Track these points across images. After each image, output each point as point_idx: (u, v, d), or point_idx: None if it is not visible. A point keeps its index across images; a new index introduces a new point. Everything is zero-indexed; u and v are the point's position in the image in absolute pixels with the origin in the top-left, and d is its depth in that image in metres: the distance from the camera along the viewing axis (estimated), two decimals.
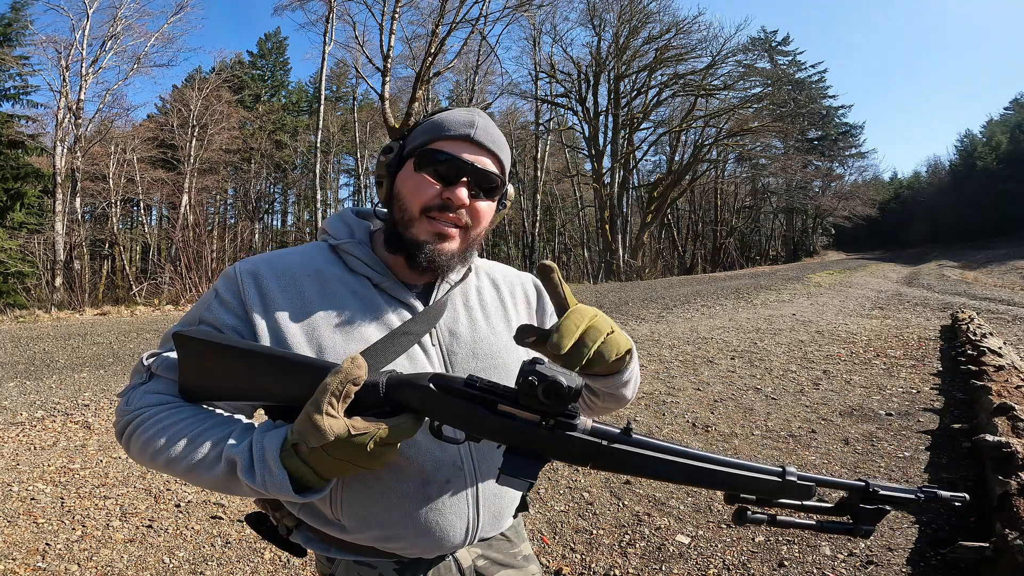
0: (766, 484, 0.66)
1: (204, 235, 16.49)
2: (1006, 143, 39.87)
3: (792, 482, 0.66)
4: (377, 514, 0.77)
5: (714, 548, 2.40)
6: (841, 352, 6.21)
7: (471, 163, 0.78)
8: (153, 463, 0.71)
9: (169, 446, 0.69)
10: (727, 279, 17.66)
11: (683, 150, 27.57)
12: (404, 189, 0.80)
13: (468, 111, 0.83)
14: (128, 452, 0.75)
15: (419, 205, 0.79)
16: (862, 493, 0.67)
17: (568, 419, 0.64)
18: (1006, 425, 3.08)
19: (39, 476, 3.23)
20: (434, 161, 0.78)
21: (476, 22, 18.31)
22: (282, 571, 2.30)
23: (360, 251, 0.83)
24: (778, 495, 0.66)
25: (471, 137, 0.79)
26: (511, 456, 0.65)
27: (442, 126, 0.80)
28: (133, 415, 0.74)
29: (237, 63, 30.95)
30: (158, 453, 0.70)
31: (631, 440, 0.65)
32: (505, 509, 0.88)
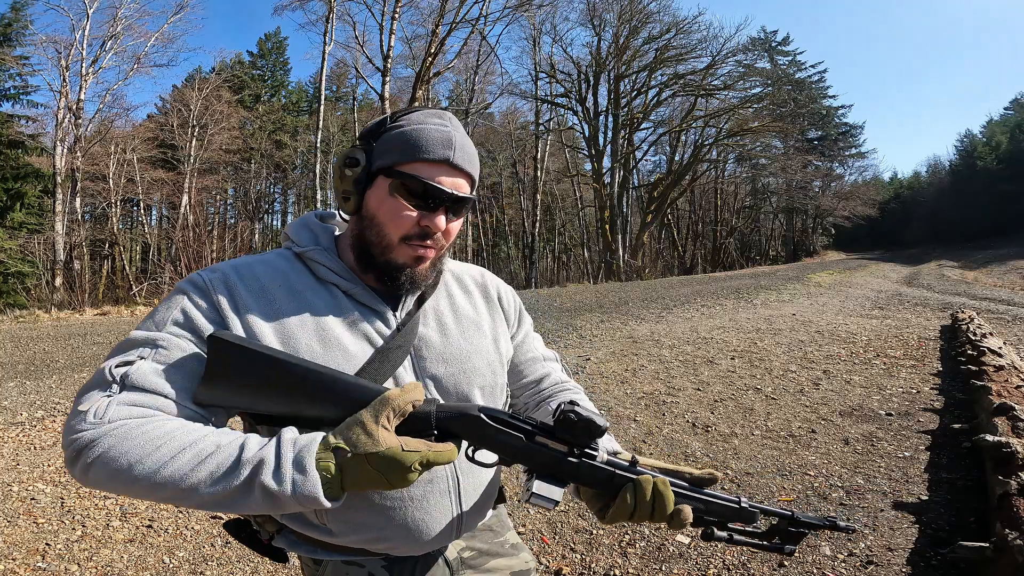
0: (729, 509, 0.80)
1: (204, 235, 16.50)
2: (1006, 143, 39.87)
3: (744, 508, 0.81)
4: (363, 518, 0.78)
5: (714, 548, 2.40)
6: (841, 352, 6.21)
7: (452, 193, 0.77)
8: (129, 482, 0.62)
9: (164, 457, 0.62)
10: (727, 279, 17.66)
11: (683, 150, 27.57)
12: (380, 214, 0.78)
13: (442, 122, 0.79)
14: (87, 474, 0.63)
15: (399, 234, 0.77)
16: (791, 521, 0.82)
17: (592, 451, 0.75)
18: (1006, 425, 3.08)
19: (39, 476, 3.23)
20: (412, 188, 0.76)
21: (476, 22, 18.33)
22: (282, 571, 2.30)
23: (327, 259, 0.81)
24: (733, 519, 0.81)
25: (450, 161, 0.77)
26: (541, 479, 0.74)
27: (419, 146, 0.76)
28: (106, 428, 0.63)
29: (237, 63, 30.99)
30: (143, 466, 0.61)
31: (637, 471, 0.78)
32: (486, 503, 0.90)
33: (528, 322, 1.04)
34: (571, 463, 0.74)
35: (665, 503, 0.74)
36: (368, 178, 0.78)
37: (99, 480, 0.64)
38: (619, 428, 3.93)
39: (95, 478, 0.63)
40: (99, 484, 0.64)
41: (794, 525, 0.82)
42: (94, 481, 0.64)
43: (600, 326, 8.35)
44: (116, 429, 0.63)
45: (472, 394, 0.86)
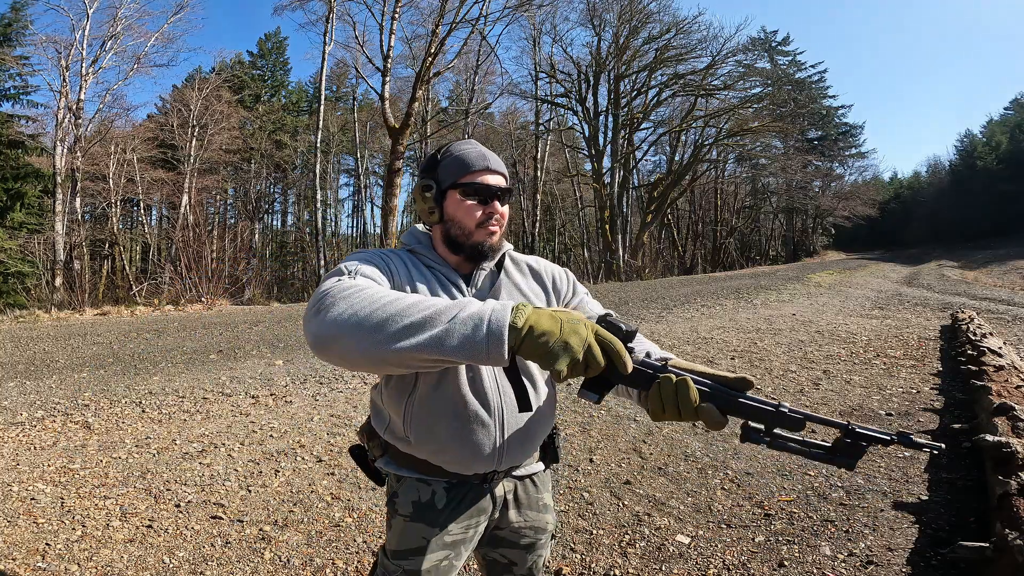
0: (764, 412, 0.84)
1: (204, 235, 16.45)
2: (1006, 143, 39.86)
3: (783, 413, 0.83)
4: (432, 429, 1.07)
5: (714, 548, 2.40)
6: (841, 352, 6.21)
7: (497, 187, 1.11)
8: (378, 310, 0.80)
9: (408, 297, 0.82)
10: (727, 279, 17.65)
11: (683, 150, 27.56)
12: (458, 213, 1.10)
13: (475, 145, 1.14)
14: (334, 307, 0.82)
15: (474, 222, 1.10)
16: (844, 430, 0.83)
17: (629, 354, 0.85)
18: (1006, 425, 3.08)
19: (39, 476, 3.23)
20: (474, 190, 1.10)
21: (476, 22, 18.31)
22: (282, 571, 2.30)
23: (428, 253, 1.16)
24: (775, 423, 0.83)
25: (489, 168, 1.11)
26: (588, 380, 0.88)
27: (467, 164, 1.10)
28: (358, 281, 0.90)
29: (237, 63, 30.98)
30: (393, 299, 0.81)
31: (668, 369, 0.88)
32: (527, 440, 1.14)
33: (583, 290, 1.30)
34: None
35: (688, 399, 0.84)
36: (441, 195, 1.12)
37: (341, 313, 0.81)
38: (619, 428, 3.94)
39: (331, 317, 0.81)
40: (336, 324, 0.80)
41: (851, 436, 0.82)
42: (339, 314, 0.81)
43: None
44: (364, 282, 0.90)
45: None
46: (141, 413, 4.47)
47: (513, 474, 1.18)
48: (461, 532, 1.13)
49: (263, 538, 2.54)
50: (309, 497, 2.93)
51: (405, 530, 1.12)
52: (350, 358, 0.81)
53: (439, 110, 30.08)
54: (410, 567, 1.10)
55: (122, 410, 4.55)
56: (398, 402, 1.09)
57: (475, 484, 1.13)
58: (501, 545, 1.22)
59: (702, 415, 0.83)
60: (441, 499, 1.11)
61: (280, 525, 2.66)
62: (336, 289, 0.86)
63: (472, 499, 1.13)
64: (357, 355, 0.80)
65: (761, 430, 0.84)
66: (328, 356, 0.83)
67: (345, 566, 2.32)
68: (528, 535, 1.22)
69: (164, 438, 3.87)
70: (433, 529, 1.10)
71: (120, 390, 5.17)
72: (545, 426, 1.19)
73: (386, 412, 1.14)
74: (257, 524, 2.67)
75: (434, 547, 1.10)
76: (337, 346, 0.81)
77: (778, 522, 2.60)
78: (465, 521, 1.13)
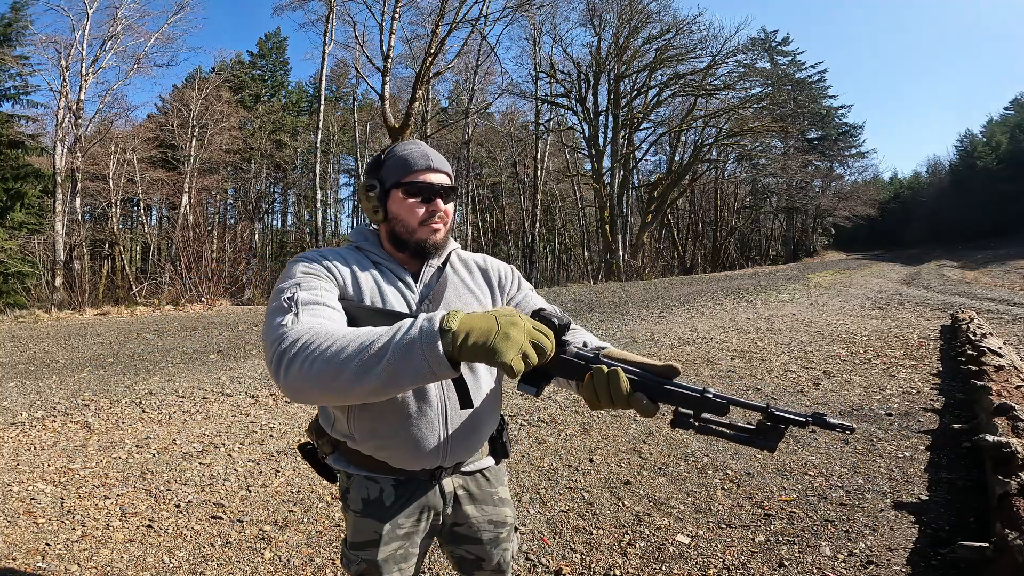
0: (690, 398, 0.87)
1: (204, 235, 16.44)
2: (1006, 143, 39.85)
3: (708, 398, 0.86)
4: (375, 426, 1.09)
5: (714, 548, 2.40)
6: (841, 352, 6.21)
7: (439, 184, 1.14)
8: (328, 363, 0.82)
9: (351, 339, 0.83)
10: (727, 279, 17.65)
11: (683, 150, 27.55)
12: (401, 211, 1.13)
13: (419, 145, 1.16)
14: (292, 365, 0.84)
15: (417, 220, 1.13)
16: (764, 413, 0.85)
17: (562, 347, 0.91)
18: (1006, 425, 3.08)
19: (39, 476, 3.23)
20: (416, 189, 1.12)
21: (476, 22, 18.32)
22: (282, 571, 2.30)
23: (375, 249, 1.19)
24: (702, 408, 0.86)
25: (432, 167, 1.13)
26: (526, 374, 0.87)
27: (409, 163, 1.12)
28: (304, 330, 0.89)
29: (237, 63, 30.98)
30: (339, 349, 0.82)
31: (601, 360, 0.91)
32: (472, 435, 1.16)
33: (527, 287, 1.32)
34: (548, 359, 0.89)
35: (619, 388, 0.87)
36: (385, 194, 1.14)
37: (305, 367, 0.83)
38: (619, 428, 3.94)
39: (300, 368, 0.83)
40: (304, 372, 0.83)
41: (771, 419, 0.84)
42: (303, 369, 0.83)
43: (600, 326, 8.35)
44: (311, 328, 0.89)
45: None
46: (141, 413, 4.47)
47: (462, 470, 1.21)
48: (412, 525, 1.17)
49: (263, 538, 2.54)
50: (309, 497, 2.93)
51: (357, 524, 1.16)
52: (323, 402, 0.90)
53: (439, 110, 30.08)
54: (367, 557, 1.15)
55: (122, 410, 4.55)
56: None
57: (423, 480, 1.16)
58: (464, 542, 1.25)
59: (633, 404, 0.87)
60: (389, 496, 1.15)
61: (280, 525, 2.66)
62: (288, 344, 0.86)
63: (420, 495, 1.16)
64: (329, 400, 0.87)
65: (690, 415, 0.86)
66: (304, 402, 0.90)
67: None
68: (488, 529, 1.24)
69: (164, 438, 3.87)
70: (384, 524, 1.14)
71: (120, 390, 5.17)
72: (490, 421, 1.21)
73: (331, 410, 1.17)
74: (257, 524, 2.67)
75: (387, 539, 1.14)
76: (307, 397, 0.86)
77: (778, 522, 2.60)
78: (415, 515, 1.16)
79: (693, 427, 0.87)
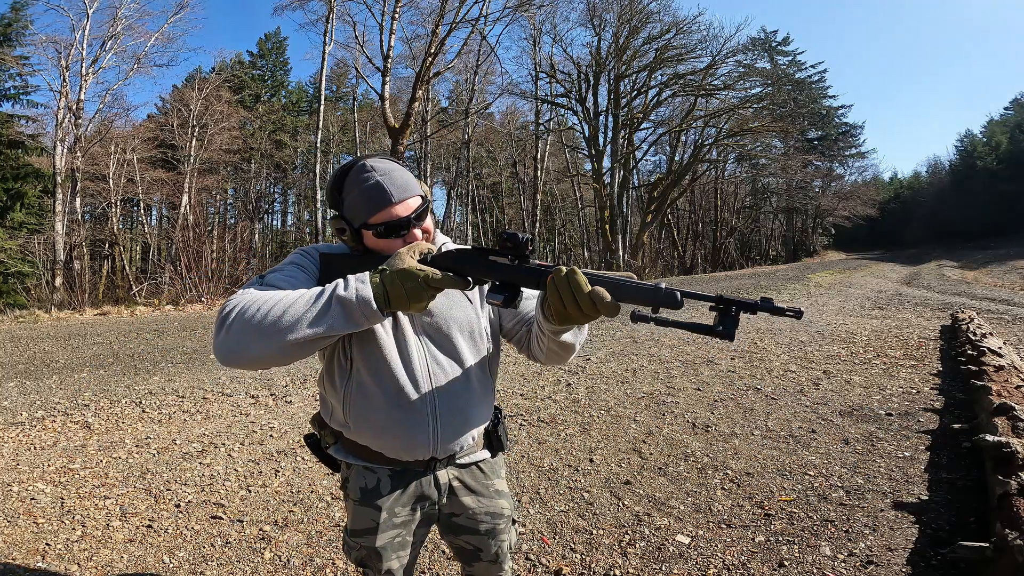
0: (647, 292, 0.91)
1: (204, 235, 16.43)
2: (1006, 143, 39.84)
3: (661, 290, 0.90)
4: (368, 415, 1.15)
5: (714, 548, 2.40)
6: (841, 352, 6.21)
7: (408, 216, 1.12)
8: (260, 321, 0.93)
9: (281, 297, 0.95)
10: (727, 279, 17.65)
11: (683, 150, 27.53)
12: (379, 246, 1.14)
13: (372, 178, 1.11)
14: (230, 324, 0.94)
15: (398, 248, 1.13)
16: (716, 301, 0.89)
17: (525, 259, 1.02)
18: (1006, 425, 3.08)
19: (39, 476, 3.23)
20: (387, 230, 1.11)
21: (476, 22, 18.31)
22: (282, 571, 2.30)
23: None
24: (658, 303, 0.90)
25: (393, 201, 1.10)
26: (495, 286, 1.03)
27: (369, 205, 1.10)
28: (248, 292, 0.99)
29: (237, 63, 30.96)
30: (270, 307, 0.93)
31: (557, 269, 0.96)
32: (463, 426, 1.19)
33: None
34: (511, 269, 1.01)
35: (579, 285, 0.92)
36: (357, 233, 1.15)
37: (236, 332, 0.93)
38: (619, 428, 3.94)
39: (234, 332, 0.93)
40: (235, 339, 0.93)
41: (724, 305, 0.88)
42: (233, 337, 0.93)
43: (600, 326, 8.35)
44: (251, 294, 0.98)
45: (452, 335, 1.19)
46: (141, 413, 4.47)
47: (457, 462, 1.24)
48: (408, 515, 1.21)
49: (263, 538, 2.54)
50: (309, 497, 2.93)
51: (356, 512, 1.21)
52: (257, 362, 0.95)
53: (439, 110, 30.07)
54: (367, 544, 1.20)
55: (122, 410, 4.55)
56: (338, 389, 1.16)
57: (418, 471, 1.20)
58: (463, 532, 1.28)
59: (595, 298, 0.90)
60: (386, 486, 1.19)
61: (280, 525, 2.66)
62: (230, 308, 0.96)
63: (415, 485, 1.21)
64: (260, 357, 0.94)
65: (647, 314, 0.91)
66: (236, 367, 0.96)
67: (345, 566, 2.31)
68: (485, 521, 1.28)
69: (164, 438, 3.87)
70: (381, 513, 1.19)
71: (120, 390, 5.17)
72: (482, 412, 1.24)
73: (330, 400, 1.21)
74: (257, 524, 2.67)
75: (384, 527, 1.19)
76: (244, 355, 0.94)
77: (778, 522, 2.60)
78: (410, 505, 1.21)
79: (652, 321, 0.91)
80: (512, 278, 1.02)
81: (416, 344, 1.17)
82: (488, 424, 1.29)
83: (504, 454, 1.39)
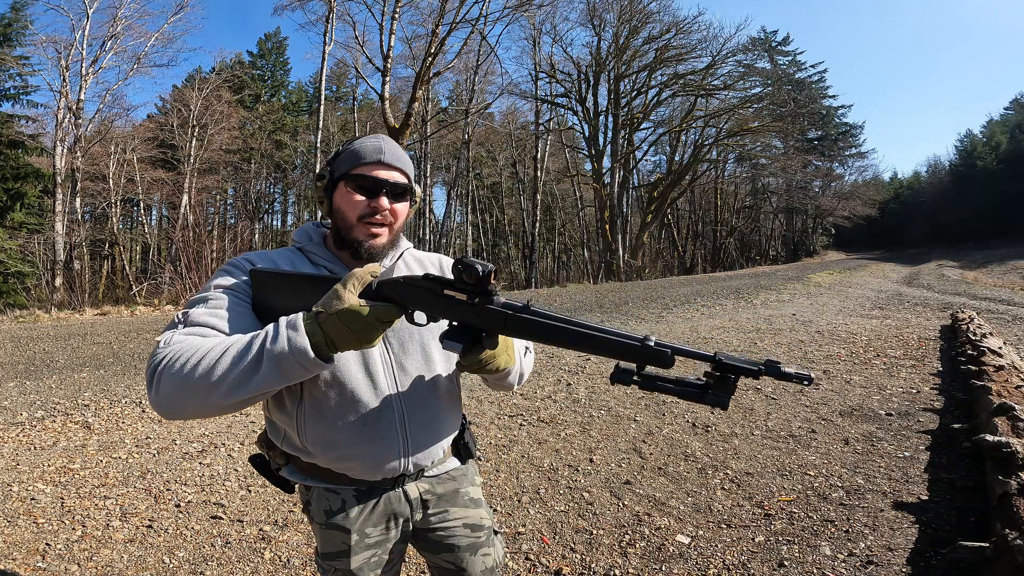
0: (630, 348, 0.79)
1: (204, 235, 16.48)
2: (1006, 143, 39.82)
3: (649, 347, 0.77)
4: (330, 438, 1.03)
5: (714, 548, 2.40)
6: (841, 352, 6.21)
7: (385, 179, 1.05)
8: (183, 384, 0.83)
9: (207, 351, 0.84)
10: (727, 279, 17.65)
11: (683, 150, 27.56)
12: (342, 204, 1.06)
13: (377, 139, 1.08)
14: (159, 391, 0.85)
15: (355, 215, 1.05)
16: (712, 362, 0.76)
17: (488, 297, 0.85)
18: (1006, 425, 3.08)
19: (39, 476, 3.23)
20: (360, 182, 1.04)
21: (476, 22, 18.31)
22: (282, 571, 2.30)
23: (317, 250, 1.11)
24: (644, 360, 0.78)
25: (382, 161, 1.05)
26: (453, 329, 0.88)
27: (359, 155, 1.05)
28: (172, 341, 0.89)
29: (237, 63, 30.93)
30: (189, 365, 0.83)
31: (531, 311, 0.84)
32: (432, 439, 1.10)
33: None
34: (471, 309, 0.86)
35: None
36: (332, 185, 1.08)
37: (166, 393, 0.84)
38: (619, 428, 3.94)
39: (164, 392, 0.84)
40: (167, 399, 0.84)
41: (720, 370, 0.76)
42: (164, 396, 0.84)
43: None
44: (175, 345, 0.88)
45: (424, 339, 1.10)
46: (141, 413, 4.47)
47: (426, 474, 1.14)
48: (380, 534, 1.11)
49: (263, 538, 2.54)
50: None
51: (324, 535, 1.10)
52: (199, 417, 0.89)
53: (439, 110, 30.06)
54: (340, 567, 1.10)
55: (122, 410, 4.55)
56: (288, 413, 1.04)
57: (386, 488, 1.10)
58: (441, 550, 1.17)
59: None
60: (352, 506, 1.08)
61: (280, 525, 2.66)
62: (156, 362, 0.87)
63: (385, 503, 1.10)
64: (198, 415, 0.87)
65: (632, 370, 0.79)
66: (175, 418, 0.88)
67: None
68: (463, 534, 1.17)
69: (164, 438, 3.87)
70: (351, 535, 1.08)
71: (120, 390, 5.16)
72: (450, 424, 1.16)
73: (280, 424, 1.08)
74: (257, 524, 2.67)
75: (357, 549, 1.09)
76: (181, 414, 0.86)
77: (778, 522, 2.60)
78: (382, 524, 1.11)
79: (635, 383, 0.78)
80: (472, 320, 0.87)
81: (382, 353, 1.06)
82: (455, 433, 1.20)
83: (475, 462, 1.28)
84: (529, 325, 0.84)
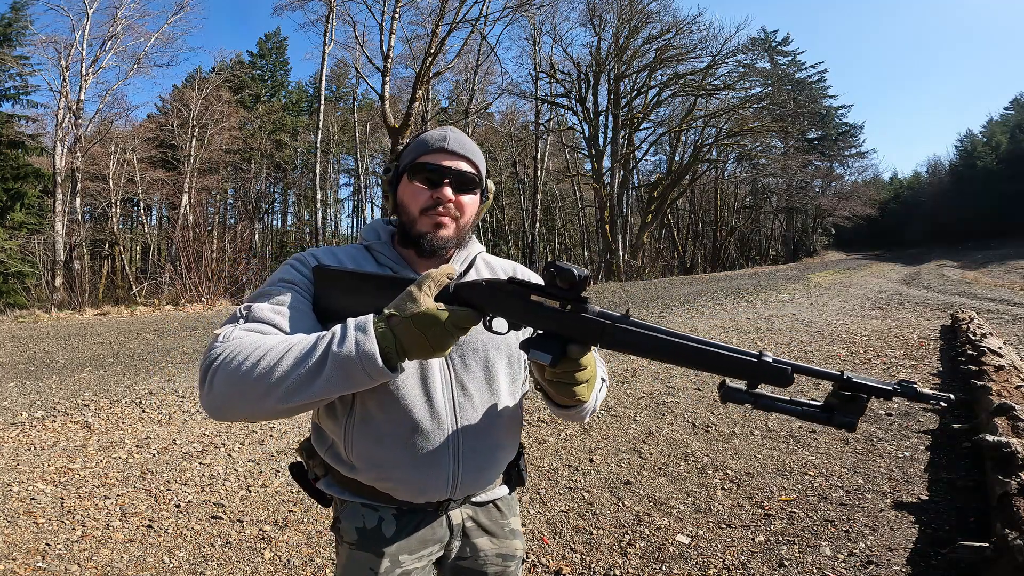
0: (746, 365, 0.71)
1: (204, 235, 16.47)
2: (1006, 143, 39.82)
3: (767, 364, 0.71)
4: (376, 455, 0.95)
5: (714, 548, 2.40)
6: (841, 352, 6.21)
7: (449, 167, 0.98)
8: (244, 378, 0.78)
9: (267, 350, 0.79)
10: (727, 279, 17.65)
11: (683, 150, 27.56)
12: (405, 197, 1.01)
13: (442, 128, 1.03)
14: (212, 387, 0.80)
15: (417, 207, 0.99)
16: (838, 382, 0.70)
17: (582, 305, 0.78)
18: (1006, 425, 3.08)
19: (39, 476, 3.23)
20: (422, 171, 0.98)
21: (476, 22, 18.32)
22: (282, 571, 2.30)
23: (384, 249, 1.05)
24: (757, 378, 0.71)
25: (446, 148, 0.99)
26: (538, 337, 0.81)
27: (423, 143, 1.00)
28: (232, 340, 0.83)
29: (237, 63, 30.94)
30: (255, 362, 0.78)
31: (630, 322, 0.77)
32: (488, 467, 1.02)
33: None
34: (563, 316, 0.79)
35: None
36: (397, 179, 1.04)
37: (220, 392, 0.79)
38: (619, 428, 3.94)
39: (218, 391, 0.79)
40: (220, 398, 0.79)
41: (848, 389, 0.69)
42: (218, 395, 0.79)
43: None
44: (234, 341, 0.82)
45: (489, 358, 1.02)
46: (141, 413, 4.47)
47: (472, 500, 1.05)
48: (414, 562, 1.00)
49: (263, 538, 2.54)
50: (309, 497, 2.93)
51: (350, 560, 1.00)
52: (251, 421, 0.84)
53: (439, 110, 30.06)
54: None
55: (122, 410, 4.55)
56: (336, 424, 0.97)
57: (428, 512, 1.01)
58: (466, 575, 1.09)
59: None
60: (389, 527, 0.99)
61: (280, 525, 2.66)
62: (213, 358, 0.81)
63: (425, 527, 1.01)
64: (251, 418, 0.82)
65: (742, 389, 0.72)
66: (226, 419, 0.84)
67: None
68: (495, 563, 1.08)
69: (164, 438, 3.87)
70: (381, 560, 0.97)
71: (120, 390, 5.17)
72: (507, 451, 1.06)
73: (328, 433, 1.01)
74: (257, 524, 2.67)
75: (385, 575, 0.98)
76: (232, 415, 0.81)
77: (778, 522, 2.60)
78: (418, 551, 1.00)
79: (748, 401, 0.71)
80: (562, 329, 0.79)
81: (441, 369, 0.98)
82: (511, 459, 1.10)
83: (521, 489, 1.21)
84: (631, 337, 0.76)
